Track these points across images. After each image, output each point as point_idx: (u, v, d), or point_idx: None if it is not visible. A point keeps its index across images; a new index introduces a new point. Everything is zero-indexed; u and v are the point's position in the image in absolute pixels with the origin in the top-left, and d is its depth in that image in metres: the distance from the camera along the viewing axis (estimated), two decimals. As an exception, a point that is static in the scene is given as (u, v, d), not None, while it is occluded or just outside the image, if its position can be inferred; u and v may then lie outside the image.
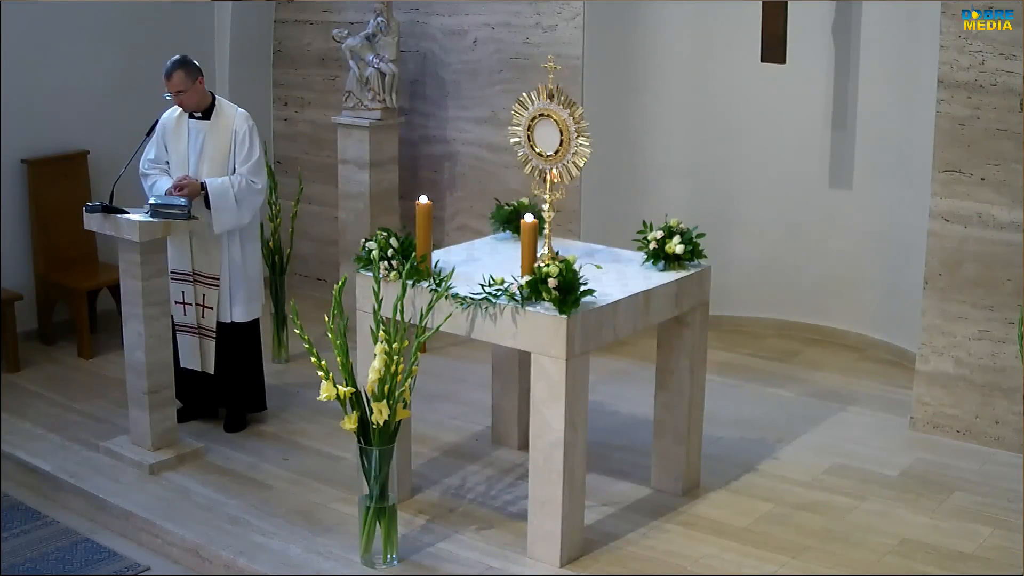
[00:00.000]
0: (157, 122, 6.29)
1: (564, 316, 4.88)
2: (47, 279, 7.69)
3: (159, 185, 6.21)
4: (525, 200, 6.04)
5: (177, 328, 6.38)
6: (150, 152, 6.32)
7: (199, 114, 6.27)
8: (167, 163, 6.29)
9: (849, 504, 5.68)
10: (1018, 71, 5.91)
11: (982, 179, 6.09)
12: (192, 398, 6.54)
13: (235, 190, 6.18)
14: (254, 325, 6.54)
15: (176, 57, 6.20)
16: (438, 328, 5.10)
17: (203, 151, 6.24)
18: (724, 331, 7.92)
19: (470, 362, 7.39)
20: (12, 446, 6.28)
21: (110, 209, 5.93)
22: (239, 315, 6.41)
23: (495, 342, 5.22)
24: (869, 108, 7.51)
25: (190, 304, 6.36)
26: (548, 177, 5.32)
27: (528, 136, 5.30)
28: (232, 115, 6.29)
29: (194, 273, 6.33)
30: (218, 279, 6.32)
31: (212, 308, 6.34)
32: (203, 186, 6.13)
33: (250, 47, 8.77)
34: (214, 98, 6.31)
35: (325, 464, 6.13)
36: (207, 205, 6.13)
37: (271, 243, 7.41)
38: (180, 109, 6.27)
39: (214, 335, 6.39)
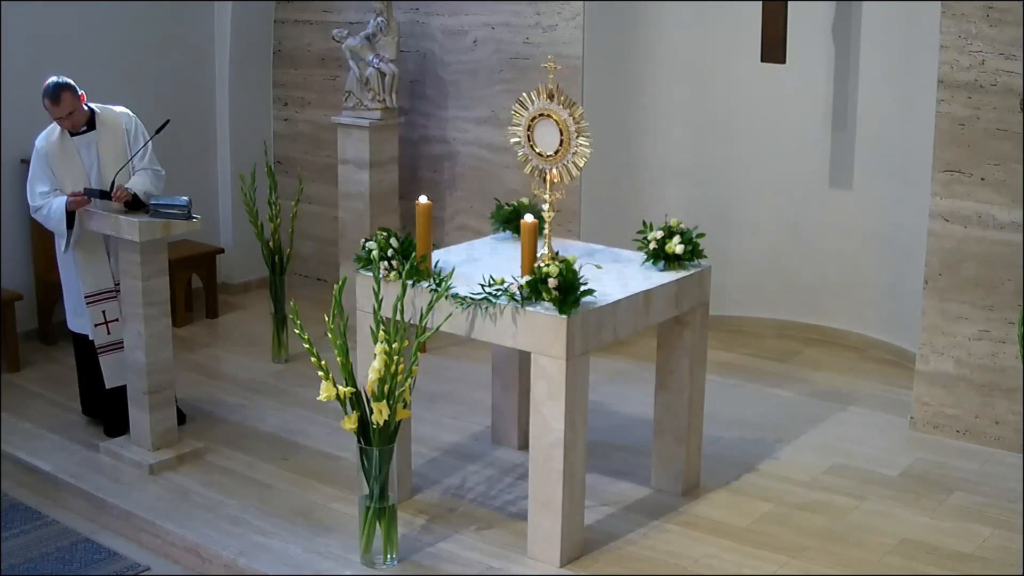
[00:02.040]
0: (167, 123, 6.16)
1: (564, 316, 4.87)
2: (47, 279, 7.69)
3: (54, 206, 5.98)
4: (525, 200, 6.03)
5: (101, 350, 6.23)
6: (41, 185, 6.03)
7: (82, 129, 6.11)
8: (57, 190, 6.05)
9: (849, 504, 5.67)
10: (1018, 71, 5.91)
11: (982, 179, 6.09)
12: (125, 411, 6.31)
13: (151, 181, 6.09)
14: None
15: (53, 81, 5.98)
16: (438, 328, 5.10)
17: (100, 161, 6.10)
18: (724, 331, 7.92)
19: (470, 362, 7.39)
20: (12, 446, 6.29)
21: (92, 193, 5.89)
22: None
23: (495, 342, 5.22)
24: (869, 108, 7.50)
25: (114, 320, 6.19)
26: (548, 177, 5.32)
27: (528, 136, 5.29)
28: (116, 117, 6.18)
29: (116, 286, 6.13)
30: None
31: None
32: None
33: (250, 47, 8.77)
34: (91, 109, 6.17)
35: (325, 464, 6.13)
36: (135, 208, 5.96)
37: (271, 243, 7.42)
38: (57, 133, 6.07)
39: None
